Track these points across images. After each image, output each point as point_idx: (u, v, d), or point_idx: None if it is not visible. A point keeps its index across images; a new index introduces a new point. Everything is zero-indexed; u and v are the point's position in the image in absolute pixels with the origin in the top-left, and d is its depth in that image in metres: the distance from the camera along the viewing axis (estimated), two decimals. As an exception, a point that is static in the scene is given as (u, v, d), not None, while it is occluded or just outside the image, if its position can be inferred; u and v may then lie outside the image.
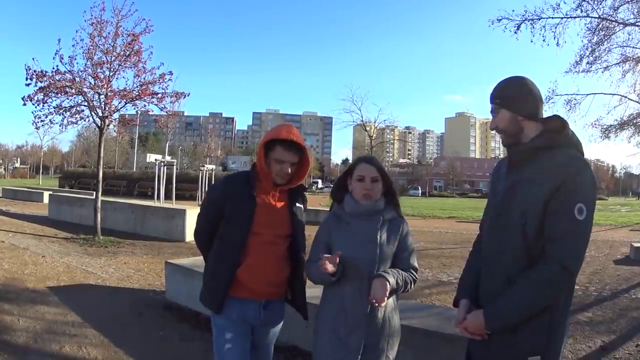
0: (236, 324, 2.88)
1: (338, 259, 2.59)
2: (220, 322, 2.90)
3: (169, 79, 13.33)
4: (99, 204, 13.26)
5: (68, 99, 12.46)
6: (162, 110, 14.10)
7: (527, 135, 2.31)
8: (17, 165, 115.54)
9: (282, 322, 3.16)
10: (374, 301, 2.52)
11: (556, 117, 2.34)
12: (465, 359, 2.57)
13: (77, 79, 12.32)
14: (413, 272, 2.81)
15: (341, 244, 2.77)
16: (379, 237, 2.74)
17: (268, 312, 2.98)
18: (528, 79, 2.37)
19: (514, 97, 2.32)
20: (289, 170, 2.93)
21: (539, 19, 12.40)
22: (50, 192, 24.90)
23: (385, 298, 2.54)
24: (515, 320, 2.15)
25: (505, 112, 2.34)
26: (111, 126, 14.54)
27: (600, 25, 12.58)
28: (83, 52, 12.43)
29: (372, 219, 2.79)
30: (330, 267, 2.55)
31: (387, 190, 2.89)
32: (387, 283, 2.56)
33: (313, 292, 3.30)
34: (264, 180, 2.96)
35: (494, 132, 2.48)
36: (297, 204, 3.09)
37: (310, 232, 2.94)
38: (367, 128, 56.74)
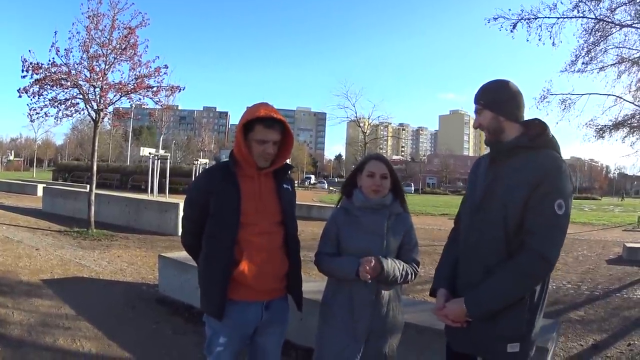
0: (233, 328, 2.72)
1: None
2: (215, 324, 2.73)
3: (164, 73, 13.36)
4: (92, 197, 13.25)
5: (63, 91, 12.44)
6: (157, 103, 14.07)
7: (508, 135, 2.43)
8: (11, 158, 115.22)
9: (287, 324, 2.98)
10: (362, 270, 2.66)
11: (537, 120, 2.44)
12: (446, 349, 2.67)
13: (73, 72, 12.30)
14: (415, 264, 2.93)
15: (349, 236, 2.90)
16: (386, 231, 2.86)
17: (270, 312, 2.81)
18: (511, 83, 2.47)
19: (497, 99, 2.43)
20: (272, 151, 2.73)
21: (535, 19, 12.40)
22: (44, 185, 24.81)
23: (372, 272, 2.66)
24: (496, 307, 2.26)
25: (488, 113, 2.45)
26: (106, 119, 14.49)
27: (597, 26, 12.58)
28: (79, 45, 12.43)
29: (380, 212, 2.90)
30: (369, 278, 2.67)
31: (393, 187, 2.99)
32: (379, 263, 2.69)
33: (308, 286, 3.32)
34: (245, 166, 2.76)
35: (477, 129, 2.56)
36: (285, 185, 2.90)
37: (303, 227, 2.95)
38: (361, 124, 56.72)
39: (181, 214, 13.41)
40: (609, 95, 14.53)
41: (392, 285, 2.83)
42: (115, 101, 13.39)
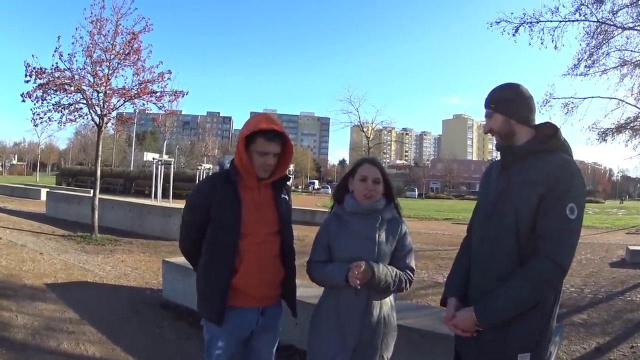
0: (231, 332, 2.80)
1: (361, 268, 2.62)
2: (214, 329, 2.81)
3: (168, 78, 13.34)
4: (96, 202, 13.26)
5: (67, 96, 12.44)
6: (160, 109, 14.08)
7: (520, 139, 2.39)
8: (15, 162, 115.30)
9: (279, 327, 3.06)
10: (352, 276, 2.58)
11: (548, 124, 2.42)
12: (454, 359, 2.61)
13: (76, 77, 12.32)
14: (409, 272, 2.83)
15: (340, 243, 2.82)
16: (377, 235, 2.77)
17: (265, 317, 2.90)
18: (522, 86, 2.44)
19: (508, 102, 2.39)
20: (273, 162, 2.80)
21: (538, 22, 12.44)
22: (48, 190, 24.85)
23: (361, 277, 2.59)
24: (508, 316, 2.20)
25: (499, 116, 2.41)
26: (109, 124, 14.51)
27: (599, 29, 12.60)
28: (82, 50, 12.43)
29: (371, 218, 2.82)
30: (359, 283, 2.59)
31: (387, 191, 2.91)
32: (370, 267, 2.62)
33: (306, 292, 3.33)
34: (246, 176, 2.82)
35: (488, 135, 2.54)
36: (283, 196, 2.98)
37: (307, 232, 2.95)
38: (365, 129, 56.58)
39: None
40: (612, 98, 14.57)
41: (384, 293, 2.76)
42: (119, 106, 13.46)
